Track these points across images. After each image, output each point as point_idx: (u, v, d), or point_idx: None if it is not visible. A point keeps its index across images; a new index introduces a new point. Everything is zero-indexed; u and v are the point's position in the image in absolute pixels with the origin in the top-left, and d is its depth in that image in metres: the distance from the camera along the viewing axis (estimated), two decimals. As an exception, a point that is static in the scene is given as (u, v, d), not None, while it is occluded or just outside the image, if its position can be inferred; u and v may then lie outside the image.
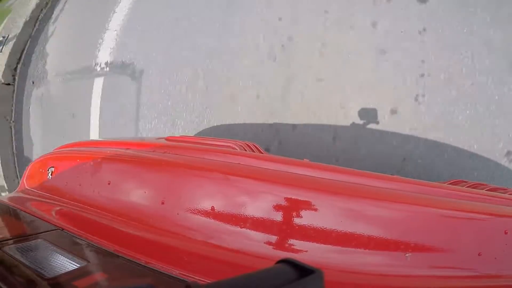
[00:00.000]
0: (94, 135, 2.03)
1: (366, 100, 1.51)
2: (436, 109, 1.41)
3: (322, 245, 0.50)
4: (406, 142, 1.48)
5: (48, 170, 0.76)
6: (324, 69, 1.58)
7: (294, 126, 1.60)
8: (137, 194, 0.62)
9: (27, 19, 2.57)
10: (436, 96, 1.41)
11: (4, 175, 2.35)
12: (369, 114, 1.49)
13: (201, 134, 1.75)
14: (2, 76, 2.45)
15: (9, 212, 0.69)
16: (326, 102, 1.56)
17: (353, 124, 1.53)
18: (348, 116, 1.54)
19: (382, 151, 1.48)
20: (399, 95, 1.45)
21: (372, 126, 1.50)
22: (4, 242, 0.50)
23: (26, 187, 0.82)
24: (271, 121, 1.64)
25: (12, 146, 2.43)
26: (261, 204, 0.53)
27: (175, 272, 0.48)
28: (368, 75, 1.50)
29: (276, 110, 1.65)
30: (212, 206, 0.55)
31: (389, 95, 1.47)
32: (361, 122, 1.51)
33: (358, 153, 1.51)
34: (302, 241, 0.51)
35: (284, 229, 0.51)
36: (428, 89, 1.42)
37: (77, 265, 0.45)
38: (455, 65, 1.38)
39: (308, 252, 0.50)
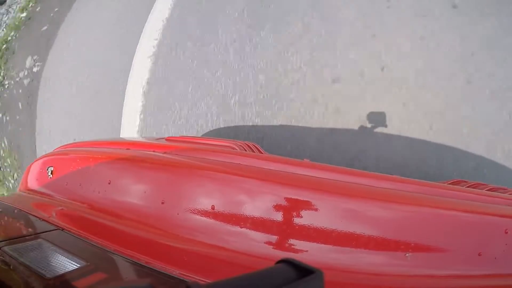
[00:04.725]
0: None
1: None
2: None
3: (322, 245, 0.50)
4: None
5: (47, 170, 0.76)
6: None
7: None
8: (137, 194, 0.62)
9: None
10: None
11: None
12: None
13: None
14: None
15: (9, 212, 0.69)
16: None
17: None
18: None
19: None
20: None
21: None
22: (4, 242, 0.50)
23: (26, 187, 0.82)
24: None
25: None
26: (261, 204, 0.53)
27: (175, 272, 0.48)
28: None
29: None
30: (212, 206, 0.55)
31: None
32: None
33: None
34: (302, 241, 0.51)
35: (284, 229, 0.51)
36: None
37: (77, 265, 0.45)
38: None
39: (308, 252, 0.50)
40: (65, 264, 0.45)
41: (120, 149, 0.75)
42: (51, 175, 0.75)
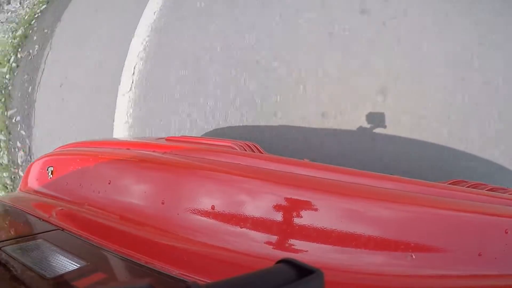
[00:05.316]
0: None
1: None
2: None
3: (322, 245, 0.50)
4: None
5: (47, 170, 0.76)
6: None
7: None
8: (137, 194, 0.62)
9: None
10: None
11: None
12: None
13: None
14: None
15: (9, 212, 0.69)
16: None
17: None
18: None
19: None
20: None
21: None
22: (4, 242, 0.50)
23: (27, 187, 0.82)
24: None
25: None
26: (261, 204, 0.53)
27: (175, 272, 0.48)
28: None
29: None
30: (212, 206, 0.55)
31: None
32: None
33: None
34: (302, 241, 0.51)
35: (284, 229, 0.51)
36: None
37: (77, 265, 0.45)
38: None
39: (308, 252, 0.50)
40: (65, 264, 0.45)
41: (120, 149, 0.75)
42: (51, 175, 0.76)
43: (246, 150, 0.72)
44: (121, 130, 1.89)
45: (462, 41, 1.54)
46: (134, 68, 1.94)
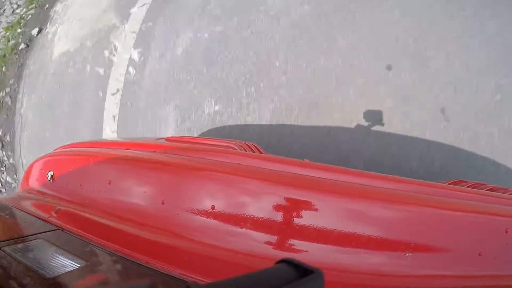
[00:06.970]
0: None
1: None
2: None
3: (322, 245, 0.50)
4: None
5: (47, 174, 0.76)
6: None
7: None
8: (137, 194, 0.62)
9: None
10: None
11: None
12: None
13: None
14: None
15: (9, 212, 0.69)
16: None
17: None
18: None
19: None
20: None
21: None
22: (4, 242, 0.50)
23: (27, 187, 0.82)
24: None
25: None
26: (261, 204, 0.53)
27: (175, 272, 0.48)
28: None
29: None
30: (212, 206, 0.55)
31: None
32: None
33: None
34: (302, 241, 0.51)
35: (284, 229, 0.51)
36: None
37: (77, 265, 0.45)
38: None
39: (308, 252, 0.50)
40: (65, 264, 0.45)
41: (120, 149, 0.75)
42: (51, 180, 0.75)
43: (246, 150, 0.72)
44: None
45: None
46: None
